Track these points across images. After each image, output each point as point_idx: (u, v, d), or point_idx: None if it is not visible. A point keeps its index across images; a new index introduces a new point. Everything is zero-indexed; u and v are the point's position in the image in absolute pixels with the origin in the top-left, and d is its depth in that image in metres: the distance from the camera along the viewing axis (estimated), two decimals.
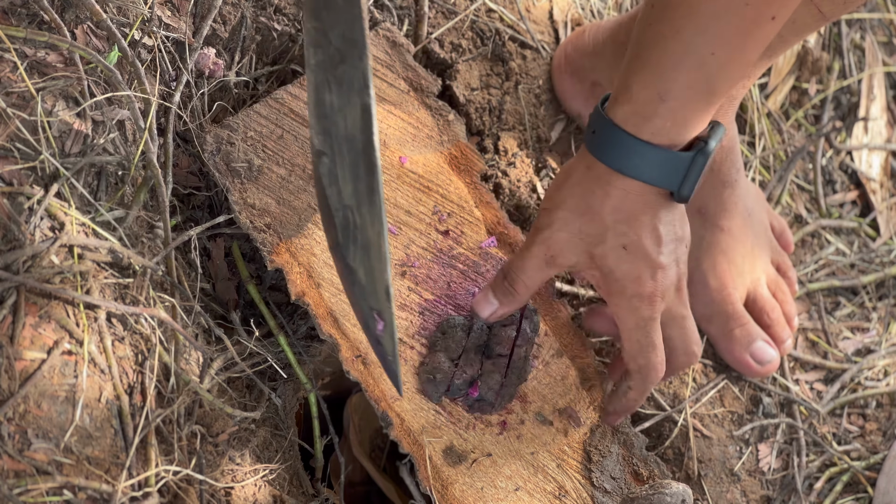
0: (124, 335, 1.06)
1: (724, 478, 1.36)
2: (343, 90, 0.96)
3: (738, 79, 1.04)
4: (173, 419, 1.08)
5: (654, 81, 1.02)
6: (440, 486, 1.13)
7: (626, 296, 1.09)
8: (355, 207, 0.99)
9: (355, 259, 1.02)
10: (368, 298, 1.03)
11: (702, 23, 0.98)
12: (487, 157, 1.37)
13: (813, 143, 1.57)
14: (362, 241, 1.00)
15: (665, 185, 1.06)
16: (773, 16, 0.98)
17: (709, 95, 1.02)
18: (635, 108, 1.03)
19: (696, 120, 1.04)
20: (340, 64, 0.96)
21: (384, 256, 0.99)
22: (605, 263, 1.09)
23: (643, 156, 1.04)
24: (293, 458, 1.20)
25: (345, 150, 0.98)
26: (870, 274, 1.53)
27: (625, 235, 1.07)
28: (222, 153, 1.18)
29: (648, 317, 1.10)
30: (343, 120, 0.97)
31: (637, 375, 1.14)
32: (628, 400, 1.16)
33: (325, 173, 1.01)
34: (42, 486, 0.97)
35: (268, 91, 1.27)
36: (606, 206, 1.07)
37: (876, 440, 1.43)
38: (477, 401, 1.16)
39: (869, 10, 1.67)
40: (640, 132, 1.03)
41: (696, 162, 1.05)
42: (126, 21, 1.14)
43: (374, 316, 1.03)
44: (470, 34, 1.39)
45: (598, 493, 1.17)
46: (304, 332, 1.22)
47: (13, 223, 1.01)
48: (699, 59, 1.00)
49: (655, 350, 1.12)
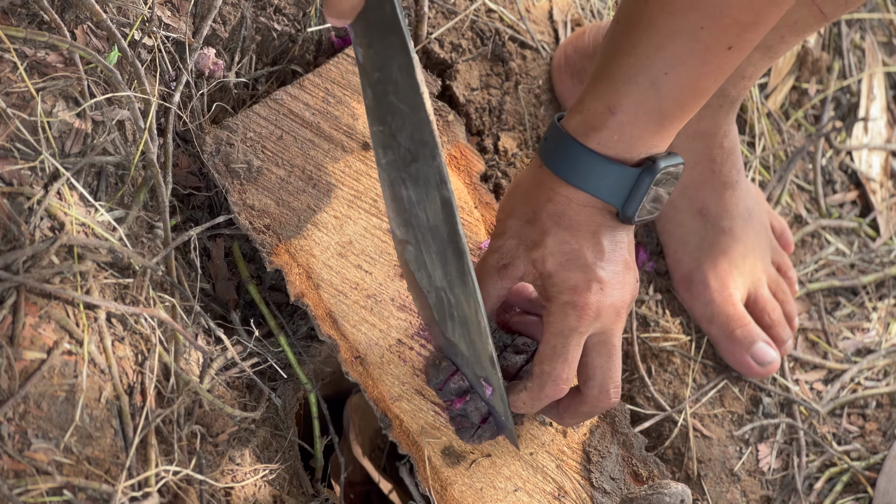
0: (124, 335, 1.06)
1: (724, 478, 1.36)
2: (420, 186, 0.99)
3: (692, 106, 1.02)
4: (173, 419, 1.08)
5: (606, 94, 1.01)
6: (439, 486, 1.13)
7: (558, 301, 1.05)
8: (448, 289, 1.03)
9: (454, 333, 1.07)
10: (474, 367, 1.07)
11: (658, 41, 0.98)
12: (487, 157, 1.37)
13: (813, 143, 1.57)
14: (459, 317, 1.04)
15: (608, 198, 1.03)
16: (728, 45, 0.97)
17: (660, 116, 1.01)
18: (585, 118, 1.02)
19: (646, 139, 1.02)
20: (413, 163, 0.98)
21: (483, 329, 1.02)
22: (545, 268, 1.06)
23: (588, 165, 1.03)
24: (293, 458, 1.20)
25: (429, 238, 1.01)
26: (870, 274, 1.53)
27: (565, 242, 1.05)
28: (222, 154, 1.18)
29: (573, 328, 1.05)
30: (423, 212, 1.00)
31: (537, 381, 1.07)
32: (517, 399, 1.09)
33: (412, 260, 1.05)
34: (42, 486, 0.97)
35: (267, 92, 1.27)
36: (547, 211, 1.05)
37: (876, 440, 1.43)
38: (459, 415, 1.14)
39: (869, 10, 1.67)
40: (587, 141, 1.02)
41: (642, 180, 1.03)
42: (126, 21, 1.14)
43: (481, 382, 1.08)
44: (470, 34, 1.40)
45: (598, 494, 1.17)
46: (304, 332, 1.22)
47: (13, 223, 1.01)
48: (651, 77, 0.99)
49: (566, 364, 1.06)
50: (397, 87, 0.96)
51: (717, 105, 1.32)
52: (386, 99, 0.97)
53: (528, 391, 1.08)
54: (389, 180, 1.01)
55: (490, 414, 1.13)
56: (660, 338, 1.39)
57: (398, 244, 1.05)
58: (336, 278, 1.16)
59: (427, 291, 1.05)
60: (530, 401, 1.09)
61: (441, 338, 1.09)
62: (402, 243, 1.04)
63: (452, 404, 1.14)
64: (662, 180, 1.04)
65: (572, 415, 1.11)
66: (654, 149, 1.04)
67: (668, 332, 1.39)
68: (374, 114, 0.99)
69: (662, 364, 1.38)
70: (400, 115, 0.97)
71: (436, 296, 1.05)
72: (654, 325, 1.39)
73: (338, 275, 1.16)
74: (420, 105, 0.95)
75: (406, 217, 1.02)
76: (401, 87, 0.95)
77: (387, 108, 0.97)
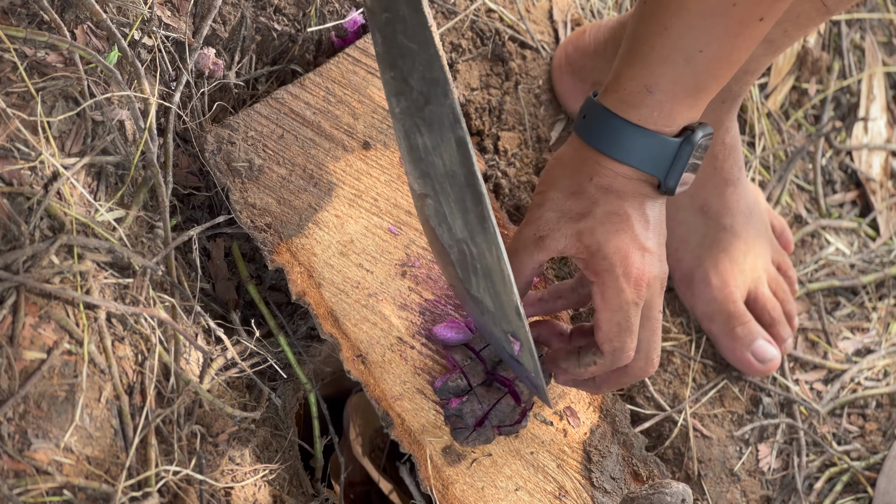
0: (124, 335, 1.06)
1: (724, 478, 1.36)
2: (434, 130, 0.98)
3: (726, 76, 1.04)
4: (173, 419, 1.08)
5: (642, 74, 1.02)
6: (441, 485, 1.13)
7: (613, 274, 1.05)
8: (469, 239, 1.01)
9: (479, 288, 1.05)
10: (501, 323, 1.05)
11: (690, 20, 0.99)
12: (487, 157, 1.37)
13: (813, 143, 1.57)
14: (482, 269, 1.02)
15: (652, 170, 1.05)
16: (760, 17, 0.99)
17: (696, 91, 1.03)
18: (622, 96, 1.03)
19: (683, 112, 1.04)
20: (426, 105, 0.98)
21: (508, 279, 1.01)
22: (594, 239, 1.05)
23: (631, 137, 1.04)
24: (293, 458, 1.20)
25: (447, 186, 1.00)
26: (870, 274, 1.53)
27: (614, 212, 1.05)
28: (223, 152, 1.18)
29: (633, 300, 1.05)
30: (440, 158, 0.99)
31: (609, 357, 1.07)
32: (586, 371, 1.09)
33: (432, 214, 1.03)
34: (42, 486, 0.97)
35: (268, 91, 1.27)
36: (594, 184, 1.06)
37: (876, 440, 1.43)
38: (454, 415, 1.14)
39: (869, 10, 1.67)
40: (627, 116, 1.04)
41: (683, 149, 1.05)
42: (126, 21, 1.14)
43: (509, 338, 1.06)
44: (470, 34, 1.40)
45: (598, 494, 1.17)
46: (304, 332, 1.22)
47: (13, 223, 1.01)
48: (686, 56, 1.00)
49: (632, 335, 1.06)
50: (405, 25, 0.96)
51: (719, 101, 1.32)
52: (395, 40, 0.97)
53: (600, 366, 1.08)
54: (405, 130, 1.01)
55: (485, 418, 1.13)
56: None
57: (418, 200, 1.04)
58: (337, 277, 1.16)
59: (449, 246, 1.04)
60: (601, 378, 1.10)
61: (466, 296, 1.07)
62: (422, 197, 1.03)
63: (449, 403, 1.14)
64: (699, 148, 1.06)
65: (613, 384, 1.11)
66: (689, 119, 1.05)
67: (668, 332, 1.39)
68: (385, 59, 0.99)
69: (662, 364, 1.38)
70: (410, 54, 0.97)
71: (458, 250, 1.04)
72: None
73: (339, 273, 1.16)
74: (429, 40, 0.95)
75: (423, 168, 1.01)
76: (409, 24, 0.96)
77: (397, 50, 0.97)
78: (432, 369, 1.16)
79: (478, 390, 1.14)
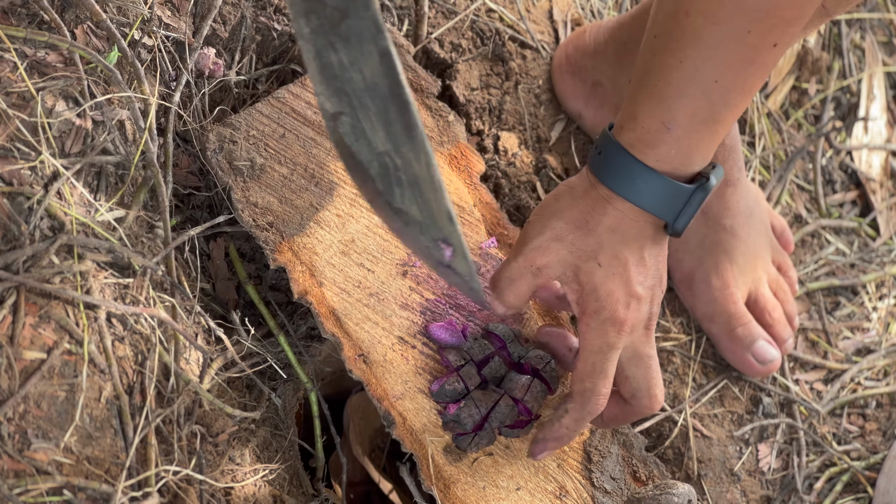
0: (124, 335, 1.06)
1: (724, 478, 1.36)
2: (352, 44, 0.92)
3: (742, 106, 1.04)
4: (173, 419, 1.08)
5: (659, 111, 1.02)
6: (442, 485, 1.13)
7: (600, 317, 1.07)
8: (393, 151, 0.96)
9: (404, 199, 0.99)
10: (430, 231, 0.99)
11: (705, 51, 0.98)
12: (487, 157, 1.37)
13: (813, 143, 1.57)
14: (408, 179, 0.97)
15: (662, 214, 1.05)
16: (774, 42, 0.98)
17: (713, 124, 1.02)
18: (640, 135, 1.03)
19: (701, 149, 1.04)
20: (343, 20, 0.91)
21: (438, 184, 0.95)
22: (591, 280, 1.07)
23: (645, 181, 1.04)
24: (293, 458, 1.20)
25: (367, 100, 0.94)
26: (870, 274, 1.53)
27: (616, 256, 1.07)
28: (225, 151, 1.18)
29: (612, 344, 1.08)
30: (359, 73, 0.93)
31: (579, 399, 1.09)
32: (561, 426, 1.11)
33: (348, 132, 0.97)
34: (42, 486, 0.97)
35: (268, 91, 1.27)
36: (603, 225, 1.06)
37: (876, 440, 1.43)
38: (452, 420, 1.13)
39: (869, 10, 1.67)
40: (645, 158, 1.04)
41: (695, 196, 1.05)
42: (126, 21, 1.14)
43: (439, 245, 1.00)
44: (470, 34, 1.39)
45: (599, 494, 1.17)
46: (305, 331, 1.22)
47: (13, 223, 1.01)
48: (703, 87, 1.00)
49: (605, 379, 1.08)
50: None
51: None
52: None
53: (571, 412, 1.10)
54: (315, 50, 0.94)
55: (484, 421, 1.13)
56: (660, 337, 1.39)
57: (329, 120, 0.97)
58: (339, 276, 1.16)
59: (368, 162, 0.98)
60: (574, 422, 1.10)
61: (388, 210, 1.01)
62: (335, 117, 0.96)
63: (446, 409, 1.14)
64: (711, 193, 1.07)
65: (619, 420, 1.13)
66: (705, 158, 1.05)
67: (668, 332, 1.39)
68: None
69: (662, 364, 1.38)
70: None
71: (378, 163, 0.98)
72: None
73: (340, 273, 1.16)
74: None
75: (338, 85, 0.95)
76: None
77: None
78: (434, 369, 1.16)
79: (474, 394, 1.14)
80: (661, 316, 1.39)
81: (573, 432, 1.12)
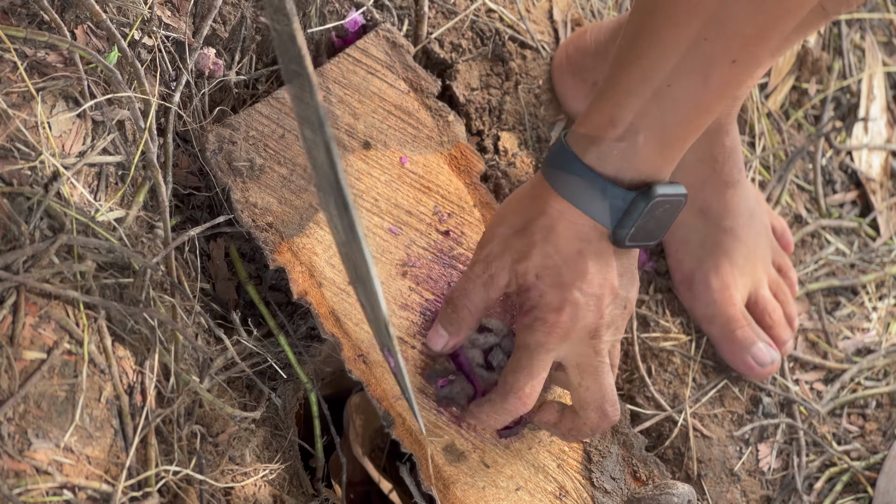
0: (124, 335, 1.06)
1: (724, 478, 1.36)
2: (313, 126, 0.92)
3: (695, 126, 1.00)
4: (173, 419, 1.08)
5: (608, 106, 1.00)
6: (442, 485, 1.13)
7: (531, 316, 1.05)
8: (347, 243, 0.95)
9: (361, 295, 1.00)
10: (379, 335, 1.01)
11: (660, 51, 0.97)
12: (487, 157, 1.37)
13: (813, 143, 1.57)
14: (360, 276, 0.97)
15: (599, 218, 1.02)
16: (733, 59, 0.96)
17: (661, 133, 0.99)
18: (587, 130, 1.01)
19: (648, 160, 1.01)
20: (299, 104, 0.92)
21: (375, 292, 0.94)
22: (525, 280, 1.05)
23: (583, 181, 1.01)
24: (293, 458, 1.20)
25: (325, 185, 0.94)
26: (870, 274, 1.53)
27: (548, 257, 1.03)
28: (224, 152, 1.18)
29: (541, 343, 1.04)
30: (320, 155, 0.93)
31: (500, 392, 1.07)
32: (481, 411, 1.10)
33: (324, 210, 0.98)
34: (42, 486, 0.97)
35: (268, 91, 1.27)
36: (538, 224, 1.04)
37: (876, 440, 1.43)
38: (446, 397, 1.14)
39: (869, 10, 1.67)
40: (585, 155, 1.01)
41: (636, 204, 1.01)
42: (126, 21, 1.14)
43: (385, 353, 1.03)
44: (470, 34, 1.39)
45: (599, 494, 1.17)
46: (305, 331, 1.22)
47: (13, 223, 1.01)
48: (654, 89, 0.98)
49: (529, 377, 1.05)
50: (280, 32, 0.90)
51: None
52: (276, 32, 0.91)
53: (490, 403, 1.08)
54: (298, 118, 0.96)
55: (477, 394, 1.14)
56: (660, 337, 1.39)
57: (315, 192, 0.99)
58: (338, 277, 1.16)
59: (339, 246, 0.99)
60: (493, 413, 1.09)
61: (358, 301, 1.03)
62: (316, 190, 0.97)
63: (438, 388, 1.14)
64: (660, 207, 1.02)
65: (577, 435, 1.11)
66: (655, 173, 1.02)
67: (668, 332, 1.39)
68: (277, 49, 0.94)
69: (662, 364, 1.38)
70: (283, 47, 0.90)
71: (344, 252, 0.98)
72: (654, 324, 1.39)
73: (340, 273, 1.16)
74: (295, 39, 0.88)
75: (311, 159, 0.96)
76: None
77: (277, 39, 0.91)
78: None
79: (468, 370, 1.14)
80: (661, 316, 1.39)
81: (491, 423, 1.09)
